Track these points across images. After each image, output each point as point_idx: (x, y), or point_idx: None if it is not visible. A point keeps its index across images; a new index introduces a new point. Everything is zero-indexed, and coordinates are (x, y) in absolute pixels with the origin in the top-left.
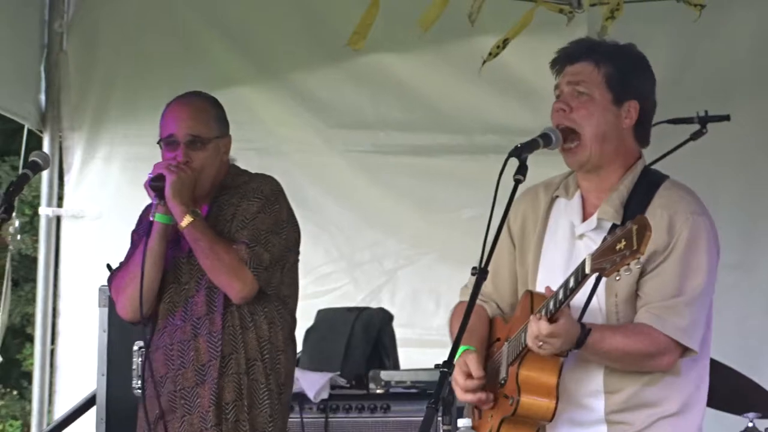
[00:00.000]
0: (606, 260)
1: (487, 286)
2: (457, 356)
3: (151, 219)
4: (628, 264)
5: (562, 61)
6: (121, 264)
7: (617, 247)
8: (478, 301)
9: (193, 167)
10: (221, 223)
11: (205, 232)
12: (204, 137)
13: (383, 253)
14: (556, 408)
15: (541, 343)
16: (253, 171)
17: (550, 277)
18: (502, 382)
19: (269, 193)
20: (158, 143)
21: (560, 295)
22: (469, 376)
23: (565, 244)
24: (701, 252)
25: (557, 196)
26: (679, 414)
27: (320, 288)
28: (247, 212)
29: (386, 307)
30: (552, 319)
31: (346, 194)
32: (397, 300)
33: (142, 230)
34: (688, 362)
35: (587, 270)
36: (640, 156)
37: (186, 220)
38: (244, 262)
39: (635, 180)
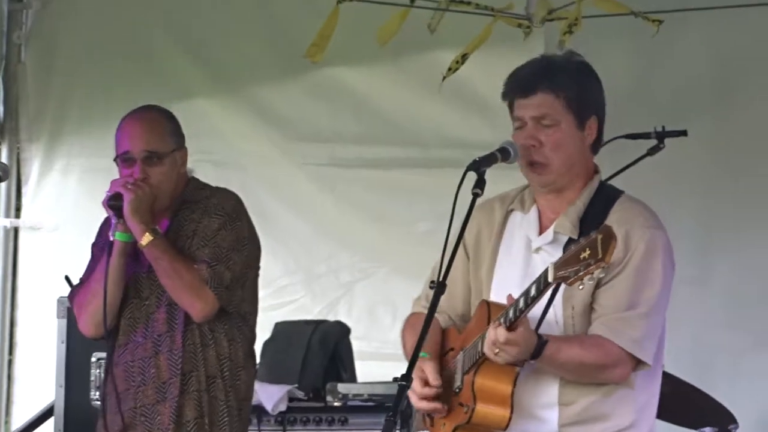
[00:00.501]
0: (570, 269)
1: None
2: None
3: (111, 238)
4: (592, 273)
5: (515, 91)
6: (82, 280)
7: (581, 256)
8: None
9: (150, 183)
10: (181, 239)
11: (166, 250)
12: (160, 152)
13: (339, 266)
14: (510, 417)
15: (497, 350)
16: (211, 183)
17: (504, 289)
18: (457, 390)
19: (230, 210)
20: (114, 160)
21: (521, 304)
22: (426, 383)
23: (520, 257)
24: (656, 265)
25: (512, 210)
26: (632, 427)
27: (277, 300)
28: (208, 229)
29: (343, 319)
30: (511, 328)
31: (304, 207)
32: (353, 313)
33: (101, 243)
34: (641, 375)
35: (550, 279)
36: (597, 171)
37: (146, 239)
38: (205, 282)
39: (591, 195)
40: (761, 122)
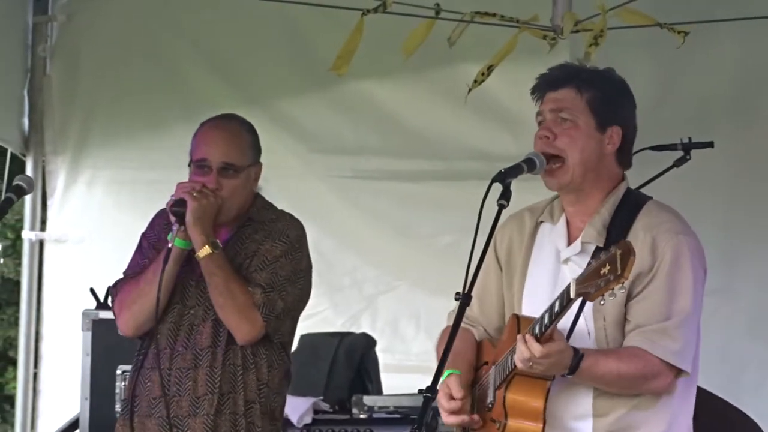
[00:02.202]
0: (591, 284)
1: (473, 310)
2: (442, 379)
3: (170, 245)
4: (612, 289)
5: (542, 87)
6: (126, 273)
7: (601, 272)
8: (465, 325)
9: (220, 195)
10: (240, 257)
11: (223, 266)
12: (237, 165)
13: (363, 279)
14: (543, 431)
15: (531, 363)
16: None
17: (535, 301)
18: (489, 406)
19: (294, 239)
20: (189, 164)
21: (545, 320)
22: (451, 397)
23: (550, 268)
24: (686, 271)
25: (542, 221)
26: None
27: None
28: (269, 254)
29: (366, 332)
30: (539, 342)
31: (327, 219)
32: (377, 325)
33: (152, 237)
34: (679, 384)
35: (572, 294)
36: (623, 178)
37: (204, 251)
38: (257, 307)
39: (617, 202)
40: None
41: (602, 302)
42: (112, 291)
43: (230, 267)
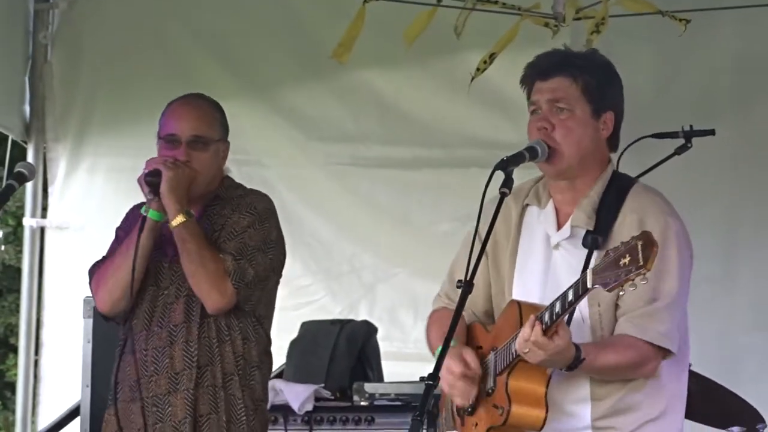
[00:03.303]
0: (610, 275)
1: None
2: (436, 354)
3: (144, 214)
4: (633, 280)
5: (533, 76)
6: (104, 257)
7: (621, 263)
8: (452, 308)
9: (192, 167)
10: (209, 232)
11: (195, 234)
12: (206, 138)
13: (361, 266)
14: (545, 418)
15: (527, 350)
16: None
17: (526, 286)
18: (489, 391)
19: (262, 210)
20: (157, 141)
21: (557, 308)
22: (467, 365)
23: (540, 253)
24: (672, 253)
25: (528, 204)
26: (662, 417)
27: (297, 300)
28: (237, 225)
29: (367, 320)
30: (547, 333)
31: (326, 207)
32: (375, 313)
33: (127, 227)
34: (667, 365)
35: (589, 285)
36: (610, 160)
37: (178, 219)
38: (227, 274)
39: (605, 185)
40: None
41: (621, 293)
42: (90, 272)
43: (203, 235)
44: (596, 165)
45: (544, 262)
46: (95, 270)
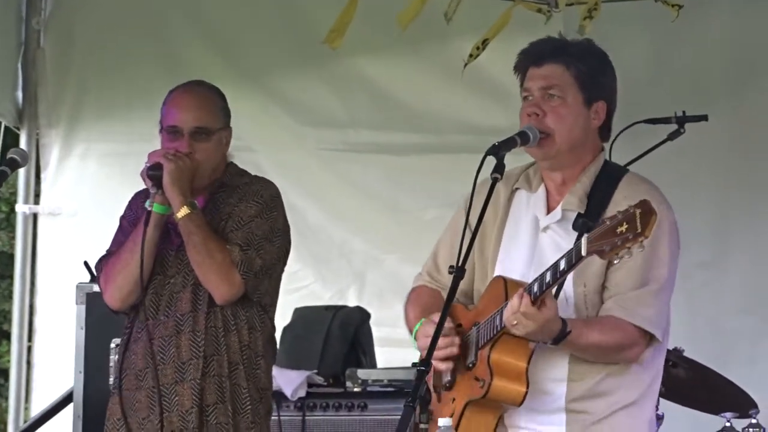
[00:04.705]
0: (606, 242)
1: (442, 274)
2: (415, 329)
3: (148, 208)
4: (629, 247)
5: (525, 62)
6: (109, 251)
7: (618, 230)
8: (433, 287)
9: (194, 158)
10: (215, 221)
11: (201, 226)
12: (209, 128)
13: (351, 252)
14: (526, 393)
15: (515, 321)
16: None
17: (510, 268)
18: (470, 365)
19: (268, 199)
20: (159, 131)
21: (548, 278)
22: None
23: (527, 237)
24: (664, 242)
25: (517, 188)
26: (636, 403)
27: (287, 286)
28: (244, 214)
29: (353, 306)
30: (535, 302)
31: (316, 192)
32: (364, 299)
33: (132, 217)
34: (651, 352)
35: (583, 252)
36: (602, 149)
37: (183, 211)
38: (235, 265)
39: (597, 172)
40: None
41: (616, 261)
42: (97, 267)
43: (208, 227)
44: (587, 154)
45: (530, 245)
46: (102, 266)
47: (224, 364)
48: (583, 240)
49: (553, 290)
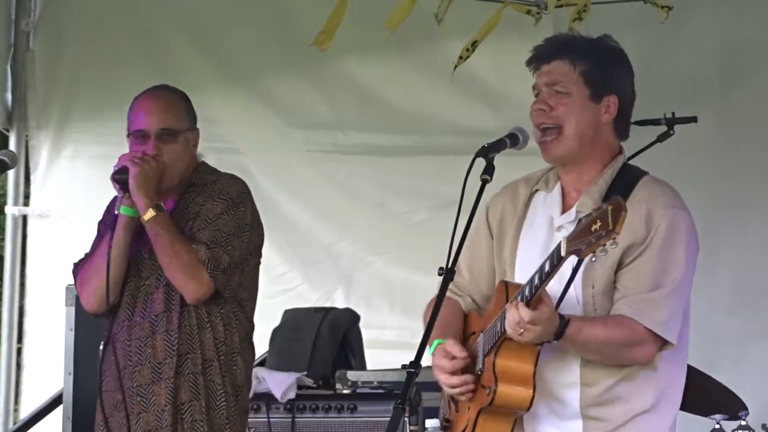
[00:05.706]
0: (582, 241)
1: (464, 278)
2: (431, 350)
3: (116, 212)
4: (604, 245)
5: (537, 59)
6: (86, 255)
7: (592, 228)
8: (451, 296)
9: (162, 160)
10: (184, 221)
11: (167, 227)
12: (174, 129)
13: (338, 254)
14: (533, 397)
15: (521, 330)
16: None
17: (526, 269)
18: (479, 372)
19: (235, 195)
20: (127, 136)
21: (536, 281)
22: (453, 357)
23: (542, 236)
24: (680, 245)
25: (537, 190)
26: (654, 409)
27: (274, 288)
28: (210, 212)
29: (340, 307)
30: (529, 305)
31: (303, 194)
32: (352, 301)
33: (108, 220)
34: (664, 357)
35: (563, 253)
36: (621, 151)
37: (149, 214)
38: (202, 263)
39: (614, 174)
40: None
41: (593, 259)
42: (73, 272)
43: (175, 228)
44: (602, 151)
45: (545, 244)
46: (78, 270)
47: (198, 361)
48: (563, 241)
49: (553, 293)
